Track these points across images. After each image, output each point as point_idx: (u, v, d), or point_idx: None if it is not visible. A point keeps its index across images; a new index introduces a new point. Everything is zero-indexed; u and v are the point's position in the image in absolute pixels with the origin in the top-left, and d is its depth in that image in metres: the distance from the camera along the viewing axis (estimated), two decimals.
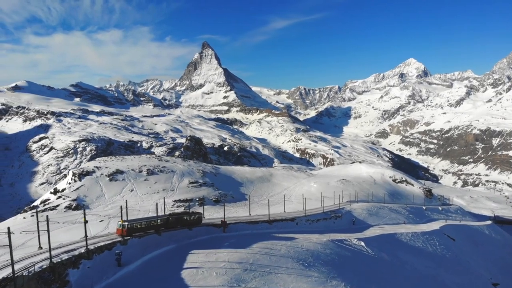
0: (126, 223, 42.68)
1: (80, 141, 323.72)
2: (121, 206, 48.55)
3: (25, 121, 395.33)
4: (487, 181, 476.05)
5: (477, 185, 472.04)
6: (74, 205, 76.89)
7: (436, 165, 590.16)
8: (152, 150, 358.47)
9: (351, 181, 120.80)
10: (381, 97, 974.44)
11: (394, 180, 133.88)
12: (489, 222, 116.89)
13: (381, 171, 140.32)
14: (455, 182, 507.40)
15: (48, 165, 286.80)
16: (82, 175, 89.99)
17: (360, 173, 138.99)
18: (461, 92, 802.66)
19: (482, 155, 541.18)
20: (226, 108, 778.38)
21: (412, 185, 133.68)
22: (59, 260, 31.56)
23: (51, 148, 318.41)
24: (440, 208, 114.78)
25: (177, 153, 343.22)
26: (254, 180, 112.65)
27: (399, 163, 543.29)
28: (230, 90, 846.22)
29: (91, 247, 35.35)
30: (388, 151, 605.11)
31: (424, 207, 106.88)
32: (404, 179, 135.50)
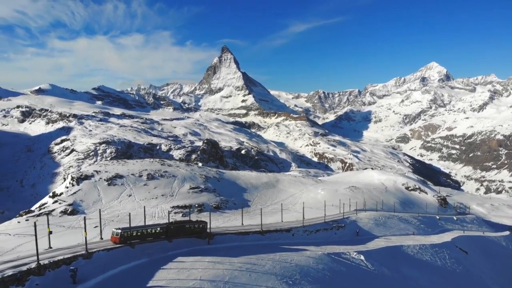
0: (119, 230, 41.31)
1: (100, 144, 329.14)
2: (129, 214, 48.27)
3: (47, 123, 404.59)
4: (510, 188, 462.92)
5: (500, 192, 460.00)
6: (70, 209, 75.52)
7: (458, 171, 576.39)
8: (170, 153, 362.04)
9: (361, 188, 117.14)
10: (402, 101, 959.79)
11: (407, 188, 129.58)
12: (507, 232, 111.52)
13: (393, 178, 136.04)
14: (478, 189, 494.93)
15: (69, 167, 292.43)
16: (80, 179, 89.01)
17: (372, 180, 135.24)
18: (484, 96, 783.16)
19: (506, 161, 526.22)
20: (244, 111, 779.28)
21: (426, 193, 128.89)
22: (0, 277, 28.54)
23: (72, 150, 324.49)
24: (455, 217, 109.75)
25: (193, 156, 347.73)
26: (259, 186, 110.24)
27: (420, 168, 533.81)
28: (249, 93, 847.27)
29: (46, 261, 32.27)
30: (409, 156, 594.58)
31: (437, 217, 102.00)
32: (417, 186, 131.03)
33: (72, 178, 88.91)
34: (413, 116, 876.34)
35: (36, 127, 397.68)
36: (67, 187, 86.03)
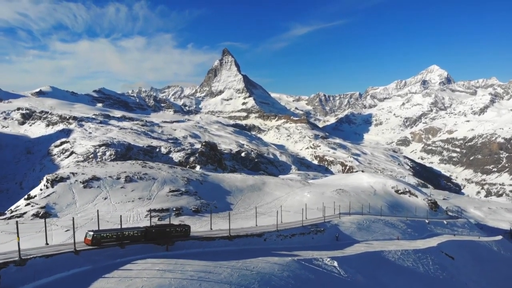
0: (92, 232, 40.92)
1: (100, 146, 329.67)
2: (97, 215, 46.76)
3: (47, 125, 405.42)
4: (511, 191, 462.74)
5: (501, 195, 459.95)
6: (42, 212, 73.66)
7: (459, 174, 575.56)
8: (170, 155, 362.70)
9: (349, 191, 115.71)
10: (403, 104, 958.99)
11: (397, 191, 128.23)
12: (499, 237, 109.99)
13: (383, 181, 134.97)
14: (479, 192, 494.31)
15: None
16: (55, 181, 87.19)
17: (361, 183, 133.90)
18: (485, 99, 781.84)
19: (507, 165, 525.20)
20: (244, 114, 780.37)
21: (416, 196, 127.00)
22: None
23: (72, 152, 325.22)
24: (445, 221, 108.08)
25: (192, 159, 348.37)
26: (244, 189, 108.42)
27: (420, 171, 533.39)
28: (249, 96, 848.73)
29: None
30: (409, 159, 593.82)
31: (426, 221, 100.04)
32: (407, 189, 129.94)
33: (47, 180, 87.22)
34: (414, 119, 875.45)
35: (36, 129, 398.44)
36: (41, 190, 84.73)
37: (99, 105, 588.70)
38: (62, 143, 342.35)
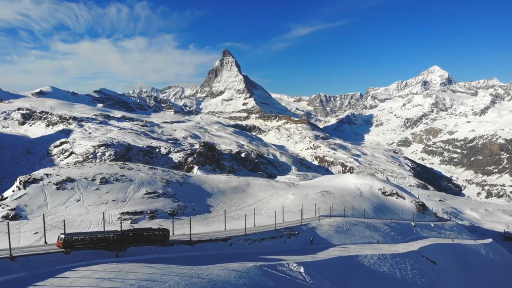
0: (63, 235, 40.41)
1: (99, 146, 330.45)
2: (63, 220, 45.23)
3: (48, 125, 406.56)
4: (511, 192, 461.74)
5: (501, 196, 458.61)
6: (12, 214, 72.20)
7: (459, 175, 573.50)
8: (170, 155, 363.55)
9: (334, 193, 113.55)
10: (404, 105, 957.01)
11: (384, 193, 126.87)
12: (489, 240, 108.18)
13: (369, 183, 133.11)
14: (479, 193, 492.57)
15: None
16: (28, 182, 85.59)
17: (347, 185, 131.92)
18: (486, 100, 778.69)
19: (507, 166, 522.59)
20: (245, 114, 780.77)
21: (404, 198, 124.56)
22: None
23: (71, 153, 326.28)
24: (432, 224, 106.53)
25: (189, 159, 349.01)
26: (227, 191, 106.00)
27: (421, 172, 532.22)
28: (250, 97, 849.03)
29: None
30: (410, 160, 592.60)
31: (412, 223, 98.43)
32: (394, 191, 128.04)
33: (20, 182, 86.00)
34: (414, 120, 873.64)
35: (36, 130, 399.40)
36: (14, 191, 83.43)
37: (100, 105, 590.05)
38: (61, 144, 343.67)
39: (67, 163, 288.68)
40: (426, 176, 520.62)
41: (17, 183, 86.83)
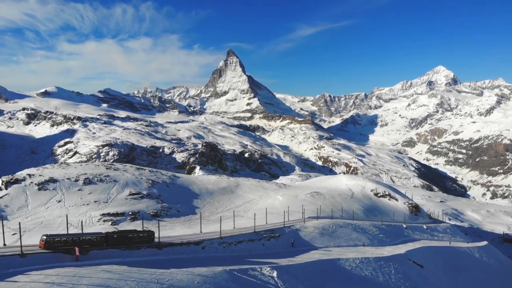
0: (45, 236, 40.57)
1: (103, 146, 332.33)
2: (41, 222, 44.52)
3: (52, 125, 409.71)
4: None
5: (506, 197, 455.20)
6: None
7: (464, 175, 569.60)
8: (173, 155, 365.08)
9: (324, 194, 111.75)
10: (409, 105, 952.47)
11: (376, 194, 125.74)
12: (484, 242, 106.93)
13: (362, 184, 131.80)
14: (484, 194, 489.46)
15: None
16: (10, 182, 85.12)
17: (339, 185, 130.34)
18: (491, 100, 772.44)
19: None
20: (249, 115, 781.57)
21: (396, 199, 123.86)
22: None
23: (75, 153, 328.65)
24: (424, 226, 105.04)
25: (192, 159, 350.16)
26: (215, 192, 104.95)
27: (425, 173, 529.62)
28: (254, 97, 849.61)
29: None
30: (414, 160, 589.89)
31: (404, 225, 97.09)
32: (387, 193, 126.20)
33: (2, 182, 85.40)
34: (419, 120, 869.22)
35: (41, 130, 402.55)
36: None
37: (104, 105, 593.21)
38: (66, 143, 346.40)
39: (79, 161, 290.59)
40: (431, 177, 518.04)
41: None
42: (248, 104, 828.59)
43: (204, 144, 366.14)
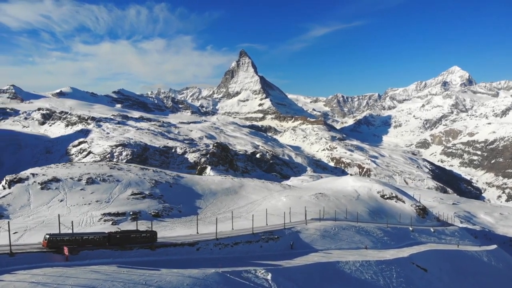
0: (48, 236, 41.34)
1: (117, 146, 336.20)
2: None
3: (67, 125, 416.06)
4: None
5: None
6: None
7: (479, 177, 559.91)
8: (185, 156, 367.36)
9: (329, 195, 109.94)
10: (423, 105, 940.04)
11: (383, 196, 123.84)
12: (493, 246, 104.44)
13: (368, 185, 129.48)
14: (499, 196, 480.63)
15: None
16: (13, 182, 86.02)
17: (345, 187, 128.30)
18: (507, 101, 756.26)
19: None
20: (261, 115, 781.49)
21: (403, 201, 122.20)
22: None
23: (89, 152, 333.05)
24: (432, 229, 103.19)
25: (203, 160, 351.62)
26: (218, 192, 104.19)
27: (440, 175, 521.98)
28: (266, 97, 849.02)
29: None
30: (428, 162, 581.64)
31: (410, 228, 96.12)
32: (394, 195, 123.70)
33: (6, 181, 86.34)
34: (434, 121, 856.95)
35: (55, 129, 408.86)
36: None
37: (118, 106, 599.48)
38: (80, 143, 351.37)
39: (93, 161, 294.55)
40: (445, 179, 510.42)
41: (3, 182, 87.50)
42: (260, 104, 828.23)
43: (215, 144, 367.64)
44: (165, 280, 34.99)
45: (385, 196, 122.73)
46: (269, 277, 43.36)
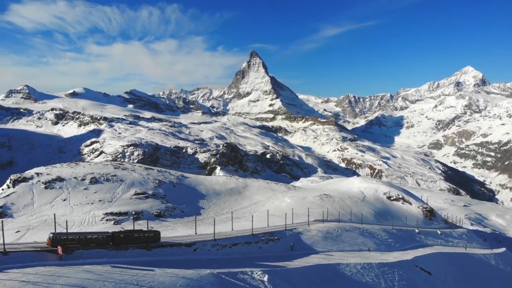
0: (52, 234, 42.05)
1: (128, 146, 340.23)
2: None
3: (79, 125, 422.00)
4: None
5: None
6: None
7: (493, 179, 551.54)
8: (196, 156, 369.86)
9: (334, 196, 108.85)
10: (435, 106, 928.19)
11: (389, 197, 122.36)
12: (502, 249, 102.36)
13: (375, 187, 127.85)
14: None
15: None
16: (17, 181, 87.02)
17: (351, 188, 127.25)
18: None
19: None
20: (271, 116, 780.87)
21: (410, 203, 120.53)
22: None
23: (101, 152, 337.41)
24: (438, 231, 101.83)
25: (212, 160, 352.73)
26: (222, 192, 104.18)
27: (452, 176, 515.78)
28: (276, 98, 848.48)
29: None
30: (441, 163, 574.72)
31: (416, 230, 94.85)
32: (401, 196, 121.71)
33: (10, 180, 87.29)
34: (446, 122, 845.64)
35: (68, 129, 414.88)
36: (3, 189, 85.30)
37: (130, 106, 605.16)
38: (92, 143, 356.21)
39: (105, 161, 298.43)
40: (458, 180, 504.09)
41: (8, 181, 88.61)
42: (271, 105, 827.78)
43: (225, 144, 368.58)
44: (157, 280, 34.68)
45: (392, 198, 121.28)
46: (265, 278, 42.88)
